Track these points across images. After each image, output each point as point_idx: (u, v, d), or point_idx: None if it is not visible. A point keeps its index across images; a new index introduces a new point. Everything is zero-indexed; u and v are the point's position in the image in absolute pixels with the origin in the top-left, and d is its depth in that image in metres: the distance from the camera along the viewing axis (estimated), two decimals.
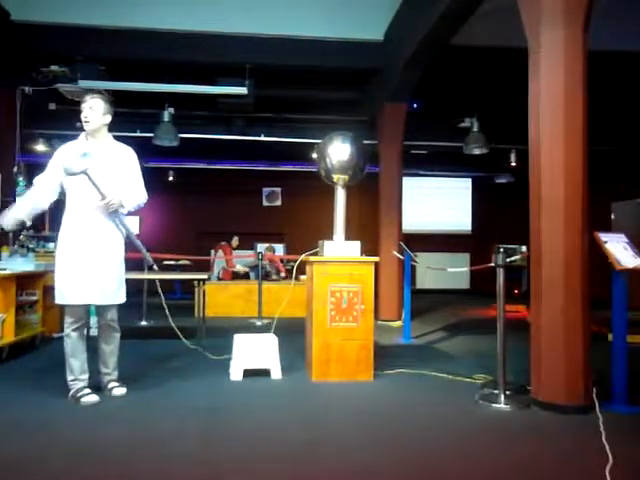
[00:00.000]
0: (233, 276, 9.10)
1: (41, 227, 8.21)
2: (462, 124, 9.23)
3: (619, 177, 11.11)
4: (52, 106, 8.26)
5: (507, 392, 3.54)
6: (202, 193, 12.84)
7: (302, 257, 4.39)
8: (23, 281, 5.03)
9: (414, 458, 2.62)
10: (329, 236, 4.41)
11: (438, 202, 13.85)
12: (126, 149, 3.65)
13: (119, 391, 3.57)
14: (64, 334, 3.46)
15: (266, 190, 13.34)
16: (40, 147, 9.68)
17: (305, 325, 4.58)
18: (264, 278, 8.13)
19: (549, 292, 3.41)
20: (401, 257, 6.67)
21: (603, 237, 3.58)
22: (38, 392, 3.58)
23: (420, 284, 12.55)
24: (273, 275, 9.07)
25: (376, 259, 4.25)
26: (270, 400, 3.58)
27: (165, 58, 7.24)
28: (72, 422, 3.05)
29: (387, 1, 6.94)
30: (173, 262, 10.43)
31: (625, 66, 7.59)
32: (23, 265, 5.14)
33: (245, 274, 9.27)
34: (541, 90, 3.49)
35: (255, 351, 4.15)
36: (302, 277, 7.15)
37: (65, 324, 3.44)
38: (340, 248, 4.25)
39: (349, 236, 4.40)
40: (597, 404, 3.23)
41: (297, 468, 2.48)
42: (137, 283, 6.06)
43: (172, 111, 8.58)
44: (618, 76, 7.75)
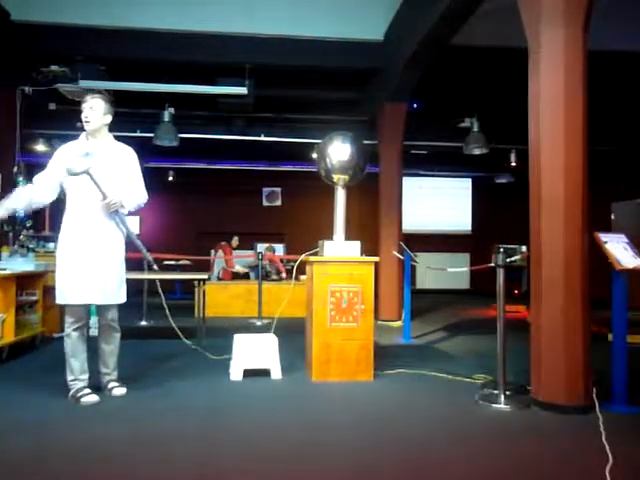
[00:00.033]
0: (233, 276, 9.10)
1: (41, 227, 8.22)
2: (462, 124, 9.23)
3: (619, 177, 11.11)
4: (52, 106, 8.27)
5: (507, 392, 3.54)
6: (202, 193, 12.84)
7: (302, 257, 4.39)
8: (23, 281, 5.03)
9: (414, 458, 2.62)
10: (329, 236, 4.41)
11: (438, 202, 13.85)
12: (126, 149, 3.66)
13: (119, 391, 3.58)
14: (64, 334, 3.47)
15: (266, 190, 13.34)
16: (40, 147, 9.68)
17: (305, 325, 4.58)
18: (264, 278, 8.13)
19: (549, 292, 3.41)
20: (401, 257, 6.67)
21: (603, 237, 3.59)
22: (38, 392, 3.58)
23: (420, 284, 12.55)
24: (273, 275, 9.06)
25: (376, 259, 4.25)
26: (270, 400, 3.58)
27: (165, 58, 7.24)
28: (72, 422, 3.05)
29: (387, 1, 6.94)
30: (173, 262, 10.43)
31: (625, 66, 7.59)
32: (23, 265, 5.14)
33: (245, 274, 9.27)
34: (541, 90, 3.49)
35: (255, 351, 4.15)
36: (302, 277, 7.15)
37: (65, 324, 3.45)
38: (340, 248, 4.25)
39: (349, 236, 4.40)
40: (597, 404, 3.23)
41: (297, 468, 2.48)
42: (137, 283, 6.06)
43: (172, 111, 8.58)
44: (618, 76, 7.75)
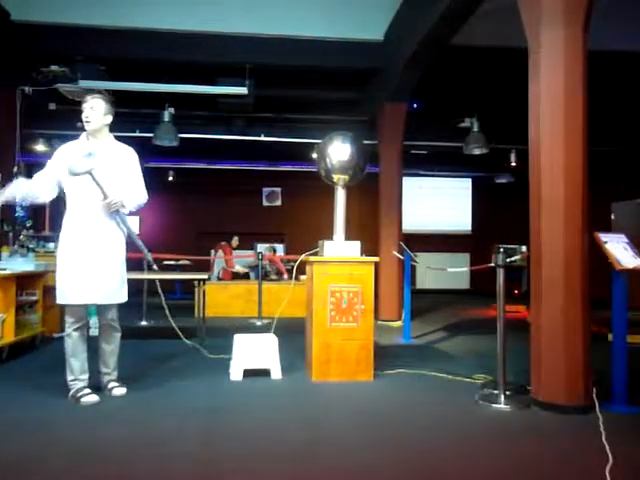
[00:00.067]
0: (233, 276, 9.09)
1: (41, 227, 8.22)
2: (462, 124, 9.23)
3: (619, 177, 11.11)
4: (52, 106, 8.27)
5: (507, 392, 3.54)
6: (202, 193, 12.84)
7: (302, 257, 4.39)
8: (23, 281, 5.03)
9: (414, 458, 2.62)
10: (329, 236, 4.41)
11: (438, 202, 13.85)
12: (127, 149, 3.66)
13: (119, 391, 3.58)
14: (65, 334, 3.47)
15: (266, 190, 13.34)
16: (40, 147, 9.68)
17: (305, 325, 4.58)
18: (264, 278, 8.12)
19: (549, 292, 3.41)
20: (401, 257, 6.67)
21: (603, 237, 3.59)
22: (38, 392, 3.58)
23: (420, 284, 12.55)
24: (272, 275, 9.05)
25: (376, 259, 4.25)
26: (270, 400, 3.58)
27: (165, 58, 7.24)
28: (72, 422, 3.05)
29: (387, 1, 6.94)
30: (173, 262, 10.42)
31: (625, 66, 7.59)
32: (23, 265, 5.14)
33: (245, 274, 9.26)
34: (541, 90, 3.49)
35: (255, 351, 4.15)
36: (302, 277, 7.15)
37: (66, 324, 3.45)
38: (340, 248, 4.25)
39: (349, 236, 4.40)
40: (597, 404, 3.23)
41: (297, 468, 2.48)
42: (137, 283, 6.05)
43: (172, 111, 8.58)
44: (618, 76, 7.75)
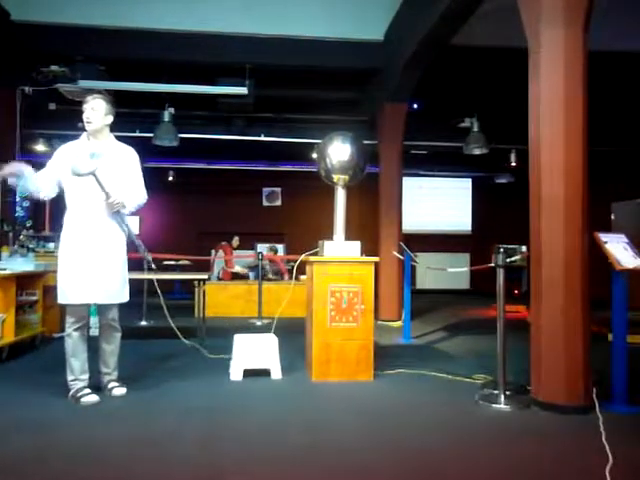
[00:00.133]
0: (233, 276, 9.09)
1: (41, 227, 8.23)
2: (462, 124, 9.23)
3: (619, 177, 11.11)
4: (52, 106, 8.27)
5: (507, 392, 3.54)
6: (202, 193, 12.84)
7: (302, 257, 4.39)
8: (23, 281, 5.03)
9: (414, 458, 2.62)
10: (329, 236, 4.41)
11: (438, 202, 13.85)
12: (128, 149, 3.66)
13: (119, 391, 3.58)
14: (65, 334, 3.47)
15: (266, 190, 13.34)
16: (40, 147, 9.68)
17: (305, 325, 4.58)
18: (263, 278, 8.12)
19: (549, 292, 3.41)
20: (401, 257, 6.67)
21: (603, 237, 3.58)
22: (38, 392, 3.58)
23: (420, 284, 12.55)
24: (270, 274, 9.04)
25: (376, 259, 4.25)
26: (270, 400, 3.58)
27: (165, 58, 7.24)
28: (72, 422, 3.05)
29: (387, 1, 6.94)
30: (173, 262, 10.42)
31: (625, 66, 7.60)
32: (23, 265, 5.14)
33: (244, 275, 9.25)
34: (541, 90, 3.49)
35: (255, 351, 4.15)
36: (302, 277, 7.15)
37: (66, 324, 3.45)
38: (340, 248, 4.25)
39: (349, 236, 4.40)
40: (597, 404, 3.23)
41: (297, 469, 2.48)
42: (137, 283, 6.04)
43: (172, 111, 8.58)
44: (618, 76, 7.75)
